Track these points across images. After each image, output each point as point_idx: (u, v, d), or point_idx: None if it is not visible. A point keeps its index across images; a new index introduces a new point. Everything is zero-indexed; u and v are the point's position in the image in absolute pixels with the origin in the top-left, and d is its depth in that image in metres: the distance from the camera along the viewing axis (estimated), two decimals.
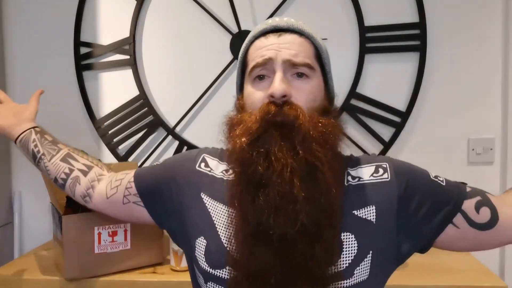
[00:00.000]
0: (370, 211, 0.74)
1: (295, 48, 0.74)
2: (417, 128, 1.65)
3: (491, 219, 0.74)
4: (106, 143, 1.74)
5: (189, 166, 0.86)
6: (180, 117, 1.72)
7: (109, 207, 0.95)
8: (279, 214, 0.66)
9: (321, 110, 0.75)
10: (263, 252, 0.67)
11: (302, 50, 0.75)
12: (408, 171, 0.78)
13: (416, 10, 1.60)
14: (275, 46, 0.74)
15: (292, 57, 0.73)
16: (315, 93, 0.75)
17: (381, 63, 1.64)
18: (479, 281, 1.19)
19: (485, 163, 1.63)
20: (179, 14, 1.71)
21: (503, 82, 1.60)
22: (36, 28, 1.77)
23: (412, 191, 0.75)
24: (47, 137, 1.05)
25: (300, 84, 0.74)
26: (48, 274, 1.29)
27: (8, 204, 1.78)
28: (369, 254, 0.72)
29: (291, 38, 0.75)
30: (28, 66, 1.79)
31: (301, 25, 0.77)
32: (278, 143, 0.68)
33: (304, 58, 0.74)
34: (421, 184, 0.76)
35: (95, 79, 1.76)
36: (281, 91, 0.70)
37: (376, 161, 0.80)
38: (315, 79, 0.76)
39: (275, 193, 0.66)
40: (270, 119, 0.70)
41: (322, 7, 1.65)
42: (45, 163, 1.01)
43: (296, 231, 0.65)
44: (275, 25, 0.77)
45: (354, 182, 0.77)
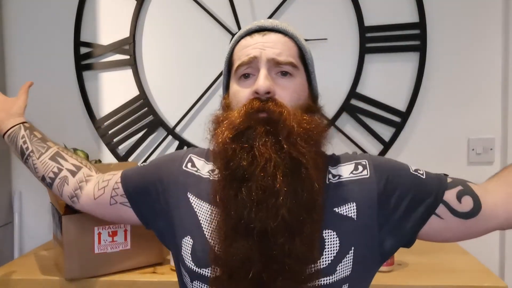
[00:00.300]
0: (351, 208, 0.75)
1: (279, 47, 0.76)
2: (417, 128, 1.65)
3: (474, 207, 0.74)
4: (106, 143, 1.74)
5: (176, 166, 0.87)
6: (180, 117, 1.72)
7: (97, 208, 0.95)
8: (261, 208, 0.66)
9: (305, 108, 0.76)
10: (243, 245, 0.68)
11: (286, 49, 0.77)
12: (388, 167, 0.79)
13: (416, 10, 1.60)
14: (260, 44, 0.76)
15: (276, 56, 0.75)
16: (299, 91, 0.77)
17: (381, 63, 1.64)
18: (479, 281, 1.19)
19: (485, 163, 1.63)
20: (179, 14, 1.71)
21: (503, 82, 1.60)
22: (36, 28, 1.77)
23: (392, 187, 0.76)
24: (36, 133, 1.04)
25: (284, 82, 0.75)
26: (48, 274, 1.28)
27: (8, 204, 1.78)
28: (351, 250, 0.73)
29: (275, 37, 0.77)
30: (28, 66, 1.79)
31: (285, 26, 0.80)
32: (262, 138, 0.68)
33: (288, 57, 0.76)
34: (401, 179, 0.77)
35: (95, 79, 1.76)
36: (265, 88, 0.72)
37: (356, 159, 0.81)
38: (298, 78, 0.77)
39: (258, 187, 0.66)
40: (255, 115, 0.71)
41: (322, 7, 1.65)
42: (33, 161, 1.00)
43: (276, 225, 0.66)
44: (260, 25, 0.79)
45: (334, 180, 0.78)
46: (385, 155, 1.65)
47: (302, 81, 0.79)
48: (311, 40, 1.63)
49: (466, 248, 1.49)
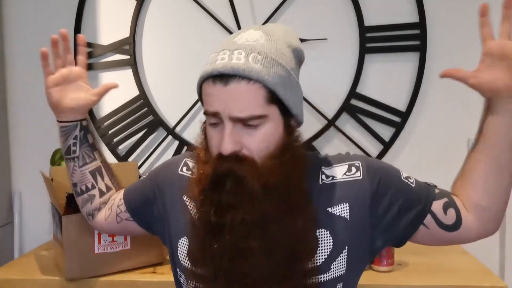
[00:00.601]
0: (344, 208, 0.77)
1: (242, 100, 0.70)
2: (417, 128, 1.65)
3: (457, 221, 0.79)
4: (106, 143, 1.74)
5: (172, 171, 0.90)
6: (180, 117, 1.72)
7: (107, 227, 1.00)
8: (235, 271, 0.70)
9: (279, 150, 0.74)
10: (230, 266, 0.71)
11: (249, 100, 0.70)
12: (380, 169, 0.81)
13: (416, 10, 1.60)
14: (222, 98, 0.71)
15: (239, 113, 0.70)
16: (268, 139, 0.73)
17: (381, 63, 1.64)
18: (479, 281, 1.19)
19: None
20: (179, 14, 1.71)
21: None
22: (36, 28, 1.77)
23: (384, 189, 0.78)
24: (89, 137, 0.99)
25: (251, 133, 0.71)
26: (48, 274, 1.28)
27: (8, 204, 1.78)
28: (344, 249, 0.76)
29: (237, 87, 0.69)
30: (28, 66, 1.79)
31: (249, 67, 0.69)
32: (230, 198, 0.70)
33: (252, 111, 0.70)
34: (392, 182, 0.80)
35: (95, 79, 1.76)
36: (228, 151, 0.70)
37: (350, 160, 0.83)
38: (266, 125, 0.72)
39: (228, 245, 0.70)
40: (220, 179, 0.71)
41: (322, 7, 1.65)
42: (74, 166, 0.98)
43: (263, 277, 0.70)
44: (222, 71, 0.70)
45: (327, 181, 0.80)
46: (385, 155, 1.65)
47: (273, 124, 0.73)
48: (311, 40, 1.63)
49: (466, 248, 1.49)
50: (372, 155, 1.64)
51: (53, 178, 1.37)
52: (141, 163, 1.73)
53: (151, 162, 1.75)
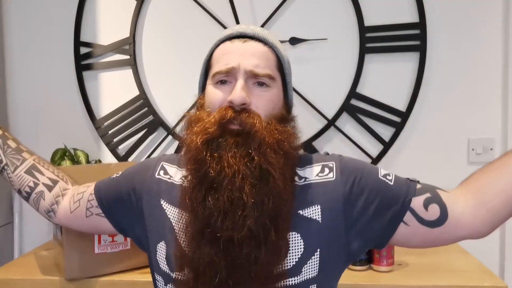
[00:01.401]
0: (315, 210, 0.75)
1: (258, 57, 0.76)
2: (417, 128, 1.65)
3: (440, 216, 0.74)
4: (106, 143, 1.74)
5: (148, 175, 0.87)
6: (180, 117, 1.72)
7: (74, 221, 0.96)
8: (227, 218, 0.68)
9: (279, 117, 0.77)
10: (209, 250, 0.69)
11: (265, 60, 0.76)
12: (355, 170, 0.78)
13: (416, 10, 1.60)
14: (239, 52, 0.76)
15: (254, 68, 0.75)
16: (275, 101, 0.77)
17: (381, 63, 1.64)
18: (479, 281, 1.19)
19: (485, 163, 1.60)
20: (179, 14, 1.71)
21: (503, 82, 1.60)
22: (36, 28, 1.77)
23: (358, 190, 0.76)
24: (10, 143, 0.99)
25: (260, 92, 0.76)
26: (48, 274, 1.28)
27: (8, 204, 1.78)
28: (316, 252, 0.74)
29: (255, 46, 0.77)
30: (28, 66, 1.79)
31: (266, 35, 0.79)
32: (232, 149, 0.70)
33: (266, 69, 0.76)
34: (368, 183, 0.77)
35: (95, 79, 1.76)
36: (240, 100, 0.72)
37: (324, 160, 0.81)
38: (275, 88, 0.77)
39: (225, 198, 0.68)
40: (227, 125, 0.72)
41: (322, 7, 1.65)
42: (8, 174, 0.97)
43: (242, 235, 0.67)
44: (241, 31, 0.79)
45: (300, 183, 0.78)
46: (385, 155, 1.65)
47: (278, 91, 0.79)
48: (311, 40, 1.63)
49: (466, 248, 1.49)
50: (372, 155, 1.64)
51: None
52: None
53: None
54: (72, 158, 1.67)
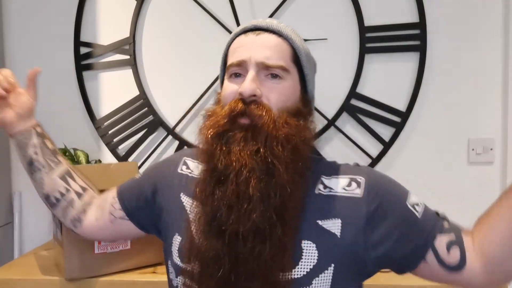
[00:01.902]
0: (336, 224, 0.73)
1: (270, 48, 0.75)
2: (417, 128, 1.65)
3: (460, 263, 0.71)
4: (106, 143, 1.74)
5: (171, 170, 0.88)
6: (180, 117, 1.72)
7: (98, 229, 0.94)
8: (233, 212, 0.68)
9: (294, 111, 0.75)
10: (215, 244, 0.69)
11: (277, 52, 0.75)
12: (384, 192, 0.75)
13: (416, 10, 1.60)
14: (252, 45, 0.75)
15: (265, 60, 0.74)
16: (288, 94, 0.75)
17: (381, 63, 1.64)
18: None
19: (485, 163, 1.63)
20: (179, 14, 1.71)
21: (503, 82, 1.60)
22: (36, 28, 1.77)
23: (383, 214, 0.73)
24: (48, 143, 0.97)
25: (272, 84, 0.74)
26: (48, 274, 1.29)
27: (8, 204, 1.78)
28: (330, 267, 0.71)
29: (268, 38, 0.76)
30: (28, 66, 1.78)
31: (281, 27, 0.78)
32: (240, 143, 0.70)
33: (278, 61, 0.74)
34: (394, 209, 0.73)
35: (95, 79, 1.76)
36: (249, 91, 0.72)
37: (353, 174, 0.78)
38: (288, 80, 0.76)
39: (231, 191, 0.68)
40: (236, 119, 0.72)
41: (322, 7, 1.65)
42: (42, 176, 0.94)
43: (247, 229, 0.67)
44: (256, 24, 0.78)
45: (324, 192, 0.76)
46: (385, 155, 1.65)
47: (293, 83, 0.77)
48: (311, 40, 1.63)
49: None
50: (372, 155, 1.64)
51: None
52: (141, 163, 1.73)
53: (151, 162, 1.74)
54: (72, 158, 1.67)
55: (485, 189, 1.62)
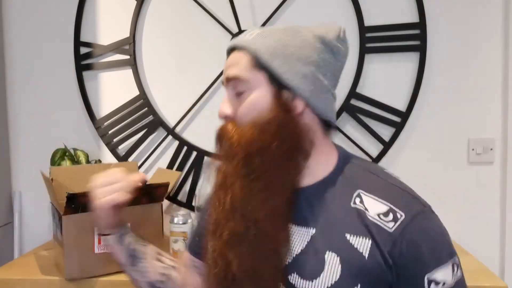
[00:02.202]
0: (365, 243, 0.68)
1: (232, 65, 0.76)
2: (417, 128, 1.65)
3: None
4: (106, 143, 1.74)
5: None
6: (180, 117, 1.72)
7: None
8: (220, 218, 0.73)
9: (264, 118, 0.72)
10: (218, 244, 0.73)
11: (237, 64, 0.75)
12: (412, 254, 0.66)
13: (416, 10, 1.60)
14: (225, 67, 0.79)
15: (227, 75, 0.77)
16: (252, 106, 0.73)
17: (381, 63, 1.64)
18: (479, 281, 1.19)
19: (485, 163, 1.63)
20: (179, 14, 1.71)
21: (503, 82, 1.60)
22: (36, 28, 1.77)
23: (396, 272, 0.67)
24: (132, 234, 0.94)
25: (240, 101, 0.75)
26: (48, 274, 1.29)
27: (8, 204, 1.78)
28: (356, 286, 0.67)
29: (232, 56, 0.77)
30: (28, 66, 1.79)
31: (241, 39, 0.76)
32: (216, 157, 0.77)
33: (236, 72, 0.74)
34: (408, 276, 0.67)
35: (95, 79, 1.76)
36: (220, 114, 0.77)
37: (397, 205, 0.69)
38: (253, 92, 0.73)
39: (215, 201, 0.75)
40: (215, 137, 0.77)
41: (322, 7, 1.65)
42: (145, 264, 0.90)
43: (238, 232, 0.71)
44: (230, 45, 0.79)
45: (359, 207, 0.71)
46: (385, 155, 1.64)
47: (258, 92, 0.73)
48: None
49: (466, 248, 1.49)
50: (372, 155, 1.64)
51: (53, 178, 1.37)
52: (141, 163, 1.73)
53: (151, 162, 1.75)
54: (72, 158, 1.67)
55: (485, 189, 1.62)
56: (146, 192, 1.32)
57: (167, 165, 1.73)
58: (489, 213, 1.62)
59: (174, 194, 1.72)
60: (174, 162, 1.72)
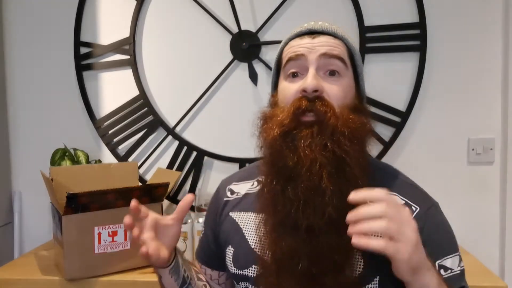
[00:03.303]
0: None
1: (332, 45, 0.77)
2: (417, 128, 1.65)
3: None
4: (106, 143, 1.74)
5: (218, 203, 0.91)
6: (180, 117, 1.72)
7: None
8: (307, 207, 0.68)
9: (352, 107, 0.76)
10: (291, 239, 0.70)
11: (337, 48, 0.77)
12: (427, 237, 0.71)
13: (416, 10, 1.60)
14: (309, 45, 0.77)
15: (328, 51, 0.76)
16: (346, 91, 0.77)
17: (381, 63, 1.64)
18: (479, 281, 1.19)
19: (485, 163, 1.63)
20: (179, 14, 1.71)
21: (503, 82, 1.60)
22: (36, 28, 1.77)
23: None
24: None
25: (331, 81, 0.76)
26: (48, 274, 1.29)
27: (8, 204, 1.78)
28: (376, 278, 0.72)
29: (325, 39, 0.78)
30: (28, 66, 1.79)
31: (335, 29, 0.80)
32: (307, 139, 0.71)
33: (340, 53, 0.77)
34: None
35: (95, 79, 1.76)
36: (313, 86, 0.73)
37: (413, 199, 0.76)
38: (346, 78, 0.78)
39: (304, 187, 0.69)
40: (301, 115, 0.73)
41: (322, 7, 1.65)
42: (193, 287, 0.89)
43: (324, 223, 0.68)
44: (310, 28, 0.80)
45: None
46: (385, 155, 1.64)
47: (350, 81, 0.79)
48: None
49: (466, 248, 1.49)
50: (372, 155, 1.64)
51: (53, 178, 1.37)
52: (141, 163, 1.73)
53: (151, 162, 1.75)
54: (72, 158, 1.67)
55: (485, 189, 1.62)
56: (146, 192, 1.32)
57: (167, 165, 1.73)
58: (489, 213, 1.62)
59: (174, 194, 1.72)
60: (174, 162, 1.72)
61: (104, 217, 1.26)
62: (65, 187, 1.35)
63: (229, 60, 1.69)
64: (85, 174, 1.46)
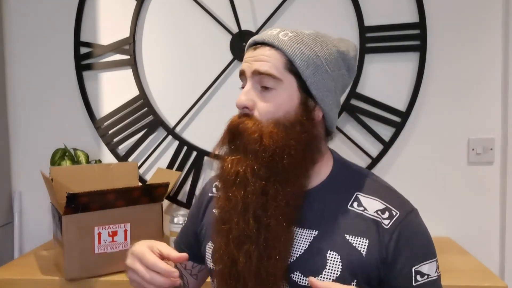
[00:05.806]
0: (363, 243, 0.75)
1: (263, 60, 0.77)
2: (417, 128, 1.65)
3: None
4: (106, 143, 1.74)
5: (203, 198, 0.96)
6: (180, 117, 1.72)
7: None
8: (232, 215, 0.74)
9: (286, 120, 0.76)
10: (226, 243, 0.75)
11: (270, 61, 0.76)
12: (404, 243, 0.75)
13: (416, 10, 1.60)
14: (250, 59, 0.79)
15: (258, 67, 0.76)
16: (278, 104, 0.76)
17: (381, 63, 1.64)
18: (479, 281, 1.19)
19: (485, 163, 1.63)
20: (179, 14, 1.71)
21: (503, 82, 1.60)
22: (36, 28, 1.77)
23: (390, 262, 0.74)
24: None
25: (263, 97, 0.77)
26: (48, 274, 1.29)
27: (8, 204, 1.78)
28: (353, 282, 0.73)
29: (262, 51, 0.78)
30: (28, 66, 1.79)
31: (274, 37, 0.78)
32: (232, 153, 0.76)
33: (269, 69, 0.76)
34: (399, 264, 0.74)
35: (95, 79, 1.76)
36: (240, 103, 0.77)
37: (392, 203, 0.78)
38: (281, 92, 0.76)
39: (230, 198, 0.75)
40: (228, 131, 0.78)
41: (322, 7, 1.65)
42: None
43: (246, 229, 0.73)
44: (254, 39, 0.81)
45: (358, 210, 0.77)
46: (385, 155, 1.64)
47: (287, 93, 0.76)
48: None
49: (466, 248, 1.49)
50: (372, 155, 1.64)
51: (53, 178, 1.37)
52: (141, 163, 1.73)
53: (151, 162, 1.75)
54: (72, 158, 1.67)
55: (485, 189, 1.62)
56: (146, 192, 1.32)
57: (167, 165, 1.73)
58: (489, 213, 1.62)
59: (174, 194, 1.72)
60: (174, 162, 1.72)
61: (104, 217, 1.26)
62: (65, 187, 1.35)
63: (229, 60, 1.69)
64: (85, 174, 1.46)
